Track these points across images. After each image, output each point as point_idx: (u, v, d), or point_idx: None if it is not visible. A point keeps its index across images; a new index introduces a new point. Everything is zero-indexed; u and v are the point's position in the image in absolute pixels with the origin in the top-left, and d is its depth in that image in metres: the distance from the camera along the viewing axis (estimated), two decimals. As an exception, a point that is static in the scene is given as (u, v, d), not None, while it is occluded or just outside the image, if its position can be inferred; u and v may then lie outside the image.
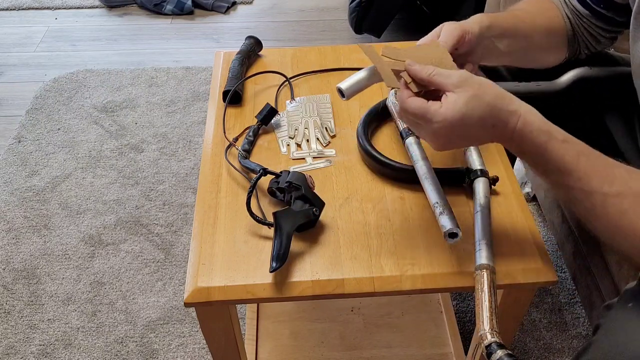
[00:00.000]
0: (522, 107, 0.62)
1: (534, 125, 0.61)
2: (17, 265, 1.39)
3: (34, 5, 2.37)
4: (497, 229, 0.76)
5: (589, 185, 0.60)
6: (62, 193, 1.56)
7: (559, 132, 0.62)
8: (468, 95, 0.61)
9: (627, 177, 0.60)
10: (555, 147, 0.61)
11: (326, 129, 0.91)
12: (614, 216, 0.59)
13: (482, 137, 0.64)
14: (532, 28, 0.82)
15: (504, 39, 0.80)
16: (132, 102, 1.85)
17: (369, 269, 0.72)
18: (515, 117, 0.61)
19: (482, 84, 0.62)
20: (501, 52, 0.81)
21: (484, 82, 0.63)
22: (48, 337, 1.24)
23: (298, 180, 0.76)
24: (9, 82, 1.99)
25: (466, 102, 0.61)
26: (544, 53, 0.87)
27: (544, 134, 0.61)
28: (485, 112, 0.61)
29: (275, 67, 1.04)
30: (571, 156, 0.60)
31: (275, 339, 1.13)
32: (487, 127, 0.62)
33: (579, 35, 0.86)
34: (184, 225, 1.46)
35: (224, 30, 2.22)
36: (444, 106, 0.61)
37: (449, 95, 0.62)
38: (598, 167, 0.61)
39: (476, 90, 0.61)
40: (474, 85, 0.62)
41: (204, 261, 0.74)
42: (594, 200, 0.60)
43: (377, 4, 1.87)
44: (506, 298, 0.78)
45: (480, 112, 0.61)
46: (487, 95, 0.62)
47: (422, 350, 1.11)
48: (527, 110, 0.62)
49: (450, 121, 0.61)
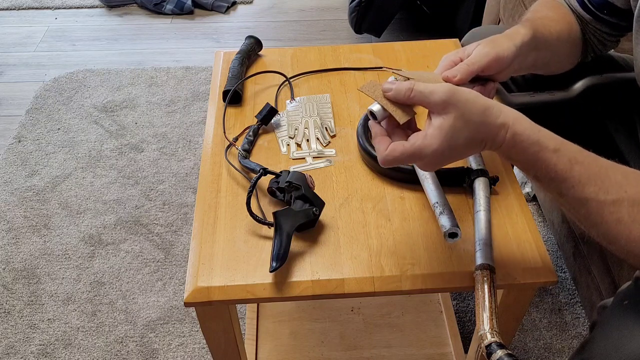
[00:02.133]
0: (510, 118, 0.60)
1: (523, 135, 0.59)
2: (17, 265, 1.39)
3: (34, 5, 2.37)
4: (497, 229, 0.76)
5: (584, 193, 0.58)
6: (62, 193, 1.56)
7: (551, 139, 0.60)
8: (453, 117, 0.58)
9: (624, 181, 0.58)
10: (546, 157, 0.59)
11: (326, 129, 0.91)
12: (611, 224, 0.57)
13: (473, 152, 0.63)
14: (557, 37, 0.80)
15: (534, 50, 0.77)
16: (132, 102, 1.85)
17: (369, 269, 0.72)
18: (504, 130, 0.59)
19: (468, 100, 0.59)
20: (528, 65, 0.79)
21: (469, 98, 0.59)
22: (48, 337, 1.24)
23: (298, 180, 0.76)
24: (9, 82, 1.99)
25: (452, 125, 0.58)
26: (564, 59, 0.85)
27: (534, 144, 0.59)
28: (473, 131, 0.59)
29: (275, 67, 1.04)
30: (564, 164, 0.59)
31: (275, 338, 1.13)
32: (476, 143, 0.61)
33: (587, 40, 0.86)
34: (184, 225, 1.46)
35: (224, 30, 2.22)
36: (429, 136, 0.59)
37: (433, 121, 0.59)
38: (592, 173, 0.59)
39: (461, 110, 0.58)
40: (458, 105, 0.58)
41: (204, 261, 0.74)
42: (589, 207, 0.59)
43: (377, 3, 1.87)
44: (506, 298, 0.78)
45: (467, 133, 0.59)
46: (474, 114, 0.59)
47: (422, 350, 1.11)
48: (515, 120, 0.60)
49: (439, 149, 0.59)
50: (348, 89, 0.99)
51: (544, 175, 0.60)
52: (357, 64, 1.03)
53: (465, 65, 0.70)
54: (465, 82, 0.72)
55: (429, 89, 0.59)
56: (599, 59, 0.92)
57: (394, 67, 1.02)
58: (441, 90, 0.59)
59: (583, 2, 0.83)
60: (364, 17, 1.92)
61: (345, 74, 1.02)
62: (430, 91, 0.59)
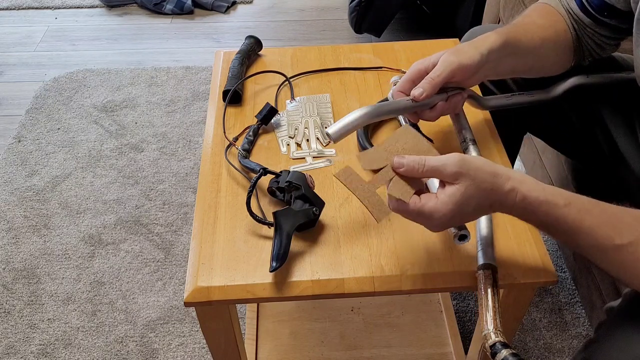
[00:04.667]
0: (518, 182, 0.61)
1: (531, 197, 0.61)
2: (17, 265, 1.39)
3: (34, 4, 2.37)
4: (497, 229, 0.76)
5: (598, 241, 0.60)
6: (62, 193, 1.56)
7: (560, 196, 0.61)
8: (465, 186, 0.60)
9: (635, 223, 0.60)
10: (557, 214, 0.61)
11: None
12: (630, 265, 0.59)
13: (481, 215, 0.66)
14: (541, 43, 0.81)
15: (511, 56, 0.79)
16: (132, 102, 1.85)
17: (369, 269, 0.72)
18: (513, 194, 0.61)
19: (478, 168, 0.61)
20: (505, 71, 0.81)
21: (479, 166, 0.62)
22: (48, 336, 1.24)
23: (298, 179, 0.76)
24: (9, 82, 1.99)
25: (463, 193, 0.60)
26: (551, 65, 0.86)
27: (543, 204, 0.61)
28: (482, 198, 0.61)
29: (275, 66, 1.04)
30: (574, 217, 0.60)
31: (275, 338, 1.13)
32: (485, 208, 0.63)
33: (584, 45, 0.86)
34: (184, 225, 1.46)
35: (223, 30, 2.22)
36: (440, 202, 0.61)
37: (447, 189, 0.61)
38: (604, 220, 0.61)
39: (472, 178, 0.61)
40: (469, 173, 0.61)
41: (204, 261, 0.74)
42: (606, 253, 0.61)
43: (377, 3, 1.87)
44: (506, 298, 0.78)
45: (477, 200, 0.61)
46: (484, 182, 0.61)
47: (422, 349, 1.11)
48: (522, 184, 0.61)
49: (449, 215, 0.61)
50: (348, 88, 0.99)
51: (558, 230, 0.62)
52: (357, 64, 1.03)
53: (429, 79, 0.74)
54: (432, 95, 0.75)
55: (440, 162, 0.61)
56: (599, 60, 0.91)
57: (394, 67, 1.02)
58: (452, 162, 0.61)
59: (582, 5, 0.83)
60: (364, 17, 1.92)
61: (345, 74, 1.02)
62: (442, 164, 0.61)
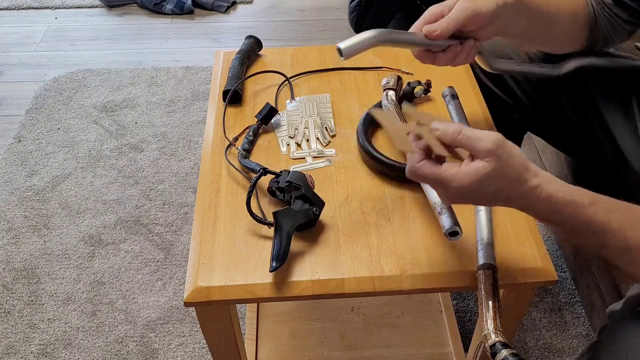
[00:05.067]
0: (546, 181, 0.60)
1: (557, 197, 0.60)
2: (17, 265, 1.39)
3: (34, 4, 2.37)
4: (497, 229, 0.76)
5: (625, 240, 0.59)
6: (62, 193, 1.56)
7: (585, 195, 0.60)
8: (494, 166, 0.58)
9: None
10: (584, 213, 0.60)
11: (326, 129, 0.91)
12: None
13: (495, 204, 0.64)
14: (557, 10, 0.79)
15: (524, 17, 0.76)
16: (132, 102, 1.85)
17: (369, 269, 0.72)
18: (538, 191, 0.60)
19: (512, 155, 0.60)
20: (517, 32, 0.78)
21: (514, 154, 0.60)
22: (48, 336, 1.24)
23: (298, 179, 0.76)
24: (9, 82, 1.99)
25: (488, 173, 0.59)
26: (563, 38, 0.85)
27: (569, 204, 0.60)
28: (504, 185, 0.60)
29: (275, 66, 1.04)
30: (600, 216, 0.59)
31: (275, 338, 1.13)
32: (503, 197, 0.61)
33: (600, 26, 0.85)
34: (184, 225, 1.46)
35: (223, 30, 2.22)
36: (462, 172, 0.59)
37: (474, 163, 0.59)
38: (630, 219, 0.60)
39: (504, 163, 0.59)
40: (502, 156, 0.59)
41: (204, 261, 0.74)
42: (632, 253, 0.60)
43: (377, 3, 1.87)
44: (506, 298, 0.78)
45: (499, 186, 0.60)
46: (512, 171, 0.59)
47: (422, 349, 1.11)
48: (550, 184, 0.60)
49: (467, 187, 0.60)
50: (348, 88, 0.99)
51: (584, 230, 0.61)
52: (357, 64, 1.03)
53: (445, 22, 0.72)
54: (445, 37, 0.73)
55: (477, 134, 0.59)
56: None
57: (394, 67, 1.02)
58: (489, 139, 0.59)
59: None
60: (364, 16, 1.92)
61: (345, 74, 1.02)
62: (478, 137, 0.59)
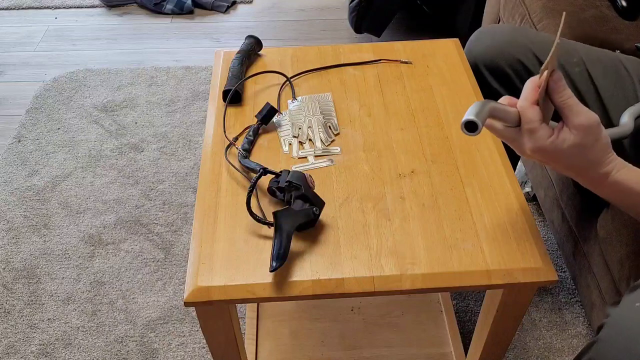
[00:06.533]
0: (616, 169, 0.64)
1: (624, 184, 0.64)
2: (17, 264, 1.39)
3: (34, 4, 2.36)
4: (497, 229, 0.76)
5: None
6: (62, 192, 1.56)
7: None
8: (578, 142, 0.62)
9: None
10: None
11: (330, 127, 0.91)
12: None
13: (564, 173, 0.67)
14: None
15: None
16: (132, 102, 1.85)
17: (369, 269, 0.72)
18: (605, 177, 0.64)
19: (600, 139, 0.63)
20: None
21: (601, 138, 0.63)
22: (48, 336, 1.24)
23: (298, 179, 0.76)
24: (9, 82, 1.99)
25: (570, 145, 0.62)
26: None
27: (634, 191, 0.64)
28: (578, 164, 0.64)
29: (275, 66, 1.04)
30: None
31: (276, 338, 1.13)
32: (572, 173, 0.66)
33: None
34: (184, 225, 1.46)
35: (224, 30, 2.22)
36: (549, 134, 0.62)
37: (563, 131, 0.62)
38: None
39: (589, 142, 0.62)
40: (589, 136, 0.62)
41: (204, 260, 0.74)
42: None
43: (376, 3, 1.87)
44: (506, 298, 0.78)
45: (575, 162, 0.63)
46: (592, 152, 0.63)
47: (422, 349, 1.11)
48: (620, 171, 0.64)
49: (544, 152, 0.63)
50: (348, 88, 0.99)
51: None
52: (356, 60, 1.03)
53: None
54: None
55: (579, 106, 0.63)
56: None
57: (392, 59, 1.02)
58: (586, 115, 0.62)
59: None
60: (364, 16, 1.92)
61: (345, 74, 1.02)
62: (578, 110, 0.62)
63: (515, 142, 0.66)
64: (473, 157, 0.86)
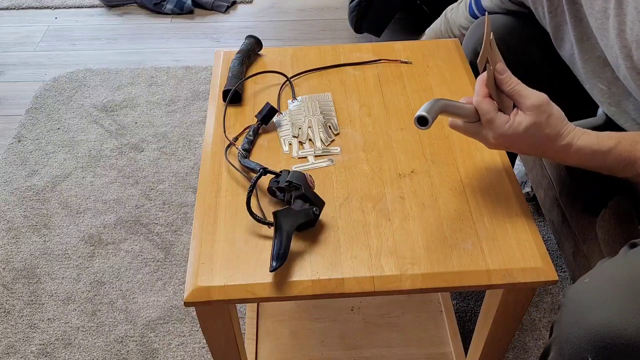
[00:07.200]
0: (575, 136, 0.69)
1: (585, 149, 0.69)
2: (17, 264, 1.39)
3: (34, 4, 2.36)
4: (497, 229, 0.76)
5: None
6: (62, 192, 1.56)
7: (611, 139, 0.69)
8: (533, 121, 0.68)
9: None
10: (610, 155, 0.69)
11: (330, 127, 0.91)
12: None
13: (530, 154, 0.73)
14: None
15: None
16: (132, 102, 1.85)
17: (369, 269, 0.72)
18: (568, 148, 0.69)
19: (553, 115, 0.68)
20: None
21: (555, 114, 0.69)
22: (48, 336, 1.24)
23: (298, 179, 0.76)
24: (9, 82, 1.99)
25: (527, 127, 0.68)
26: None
27: (596, 152, 0.69)
28: (540, 141, 0.69)
29: (275, 66, 1.04)
30: (627, 151, 0.68)
31: (276, 338, 1.13)
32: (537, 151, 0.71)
33: None
34: (184, 225, 1.46)
35: (224, 30, 2.22)
36: (506, 121, 0.68)
37: (518, 115, 0.69)
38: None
39: (543, 120, 0.68)
40: (542, 115, 0.68)
41: (204, 260, 0.74)
42: None
43: (376, 3, 1.87)
44: (506, 298, 0.78)
45: (535, 140, 0.69)
46: (549, 128, 0.68)
47: (422, 349, 1.11)
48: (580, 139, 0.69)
49: (506, 137, 0.69)
50: (348, 88, 0.99)
51: (617, 167, 0.70)
52: (356, 60, 1.03)
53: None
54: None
55: (527, 90, 0.69)
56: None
57: (392, 59, 1.02)
58: (536, 97, 0.68)
59: None
60: (364, 16, 1.92)
61: (345, 74, 1.02)
62: (527, 94, 0.69)
63: (478, 134, 0.72)
64: (473, 157, 0.86)
